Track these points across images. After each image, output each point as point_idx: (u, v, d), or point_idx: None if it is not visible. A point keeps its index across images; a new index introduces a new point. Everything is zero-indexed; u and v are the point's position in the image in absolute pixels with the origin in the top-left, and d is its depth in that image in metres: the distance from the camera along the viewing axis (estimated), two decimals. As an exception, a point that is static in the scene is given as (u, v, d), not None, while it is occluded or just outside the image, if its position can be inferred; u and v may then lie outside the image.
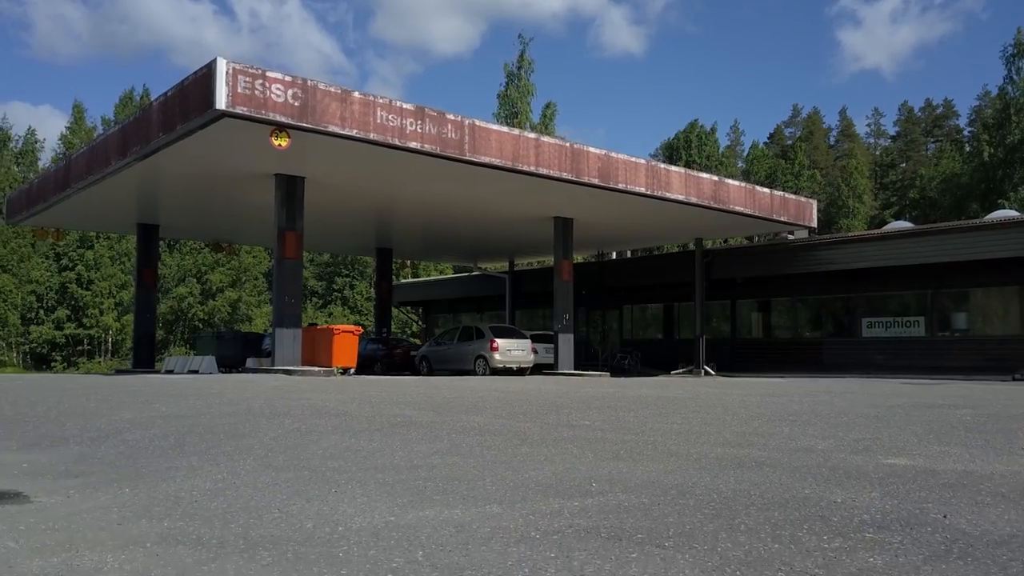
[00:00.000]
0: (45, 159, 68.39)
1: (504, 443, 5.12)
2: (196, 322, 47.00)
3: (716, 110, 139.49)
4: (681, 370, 27.15)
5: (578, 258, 31.41)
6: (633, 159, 19.94)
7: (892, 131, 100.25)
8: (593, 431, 5.96)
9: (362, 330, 18.73)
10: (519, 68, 59.66)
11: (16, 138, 62.62)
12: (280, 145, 14.15)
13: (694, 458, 4.52)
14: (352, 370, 17.72)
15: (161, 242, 31.46)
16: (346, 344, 17.55)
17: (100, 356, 43.44)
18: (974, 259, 21.59)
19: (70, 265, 42.47)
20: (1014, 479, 3.88)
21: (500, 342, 21.56)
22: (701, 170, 75.47)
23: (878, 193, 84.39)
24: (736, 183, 22.99)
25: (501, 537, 2.70)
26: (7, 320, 43.03)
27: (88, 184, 18.99)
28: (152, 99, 17.35)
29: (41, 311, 42.60)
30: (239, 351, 19.94)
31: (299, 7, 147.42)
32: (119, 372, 24.13)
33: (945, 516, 3.03)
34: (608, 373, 23.20)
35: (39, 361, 43.31)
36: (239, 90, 13.41)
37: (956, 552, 2.57)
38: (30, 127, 78.22)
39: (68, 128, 69.71)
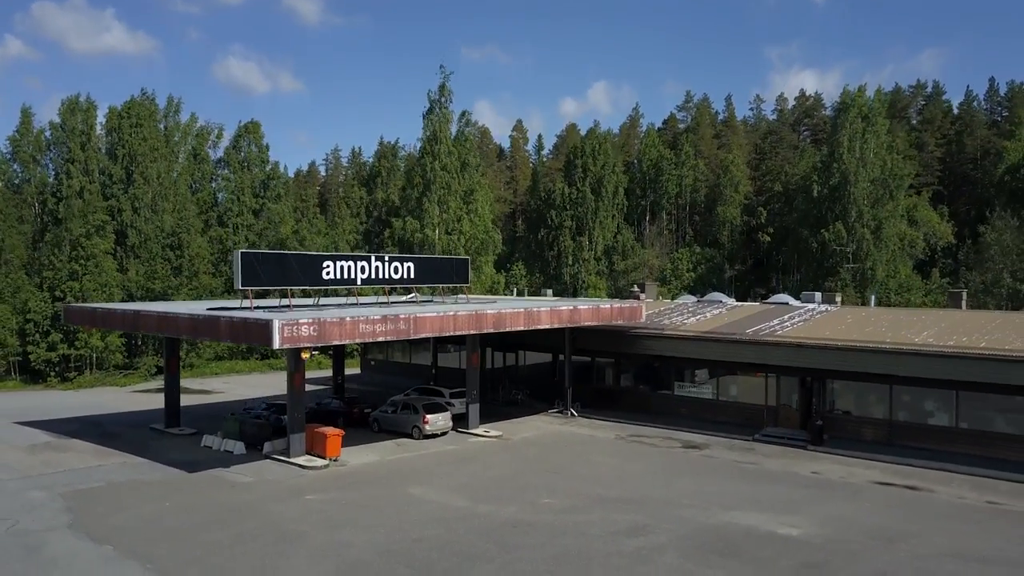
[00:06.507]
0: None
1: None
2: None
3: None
4: (555, 410, 38.78)
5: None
6: (515, 310, 30.92)
7: (771, 116, 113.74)
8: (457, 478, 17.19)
9: (344, 432, 29.20)
10: (440, 96, 68.85)
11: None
12: (306, 357, 24.48)
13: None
14: (339, 458, 28.20)
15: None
16: (334, 442, 28.10)
17: (88, 370, 52.21)
18: (736, 360, 33.75)
19: (61, 296, 50.69)
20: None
21: (429, 416, 32.39)
22: (598, 172, 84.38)
23: (754, 180, 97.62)
24: (585, 306, 34.33)
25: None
26: (6, 342, 51.22)
27: (153, 334, 28.69)
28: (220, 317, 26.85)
29: (37, 335, 50.89)
30: (258, 433, 30.13)
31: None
32: (153, 429, 33.69)
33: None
34: (500, 434, 33.96)
35: (35, 376, 51.83)
36: (285, 334, 23.54)
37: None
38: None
39: (17, 131, 75.14)
